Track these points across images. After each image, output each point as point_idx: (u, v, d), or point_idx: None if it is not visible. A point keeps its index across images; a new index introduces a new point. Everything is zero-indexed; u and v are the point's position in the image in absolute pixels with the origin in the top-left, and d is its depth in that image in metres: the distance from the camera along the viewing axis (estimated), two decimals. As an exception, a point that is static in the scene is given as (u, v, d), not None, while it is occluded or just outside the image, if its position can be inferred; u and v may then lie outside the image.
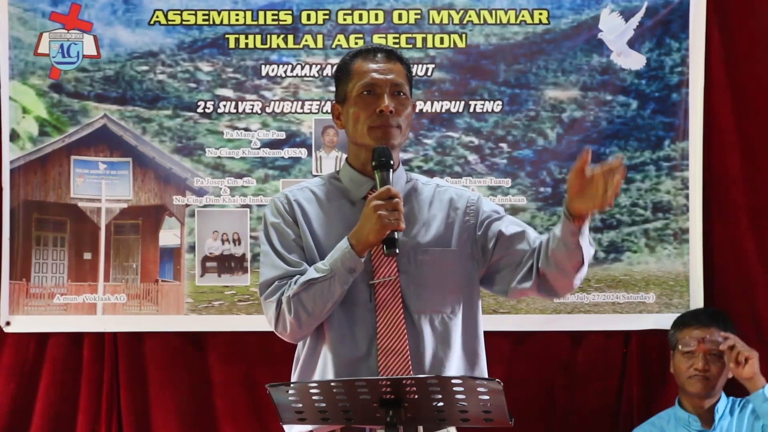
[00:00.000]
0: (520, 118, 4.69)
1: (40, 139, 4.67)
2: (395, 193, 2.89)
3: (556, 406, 4.71)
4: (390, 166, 2.96)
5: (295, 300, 2.92)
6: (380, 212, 2.86)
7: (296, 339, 3.03)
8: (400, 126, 3.01)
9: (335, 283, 2.90)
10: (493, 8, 4.69)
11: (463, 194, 3.14)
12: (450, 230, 3.06)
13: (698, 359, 4.36)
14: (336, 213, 3.05)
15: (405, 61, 3.10)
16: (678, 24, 4.68)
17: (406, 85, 3.05)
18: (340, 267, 2.90)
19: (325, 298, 2.91)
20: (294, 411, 2.66)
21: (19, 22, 4.66)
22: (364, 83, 3.02)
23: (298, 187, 3.13)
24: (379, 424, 2.61)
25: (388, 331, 2.95)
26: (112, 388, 4.67)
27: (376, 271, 2.98)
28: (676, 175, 4.67)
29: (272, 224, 3.05)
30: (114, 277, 4.66)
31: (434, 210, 3.08)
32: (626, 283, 4.67)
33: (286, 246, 3.01)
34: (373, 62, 3.04)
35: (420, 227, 3.05)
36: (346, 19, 4.69)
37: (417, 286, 2.99)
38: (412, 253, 3.01)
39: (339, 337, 2.97)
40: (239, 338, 4.68)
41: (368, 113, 3.00)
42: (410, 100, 3.06)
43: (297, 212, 3.04)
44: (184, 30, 4.69)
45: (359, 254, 2.90)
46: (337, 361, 2.95)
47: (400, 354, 2.94)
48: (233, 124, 4.68)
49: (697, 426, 4.39)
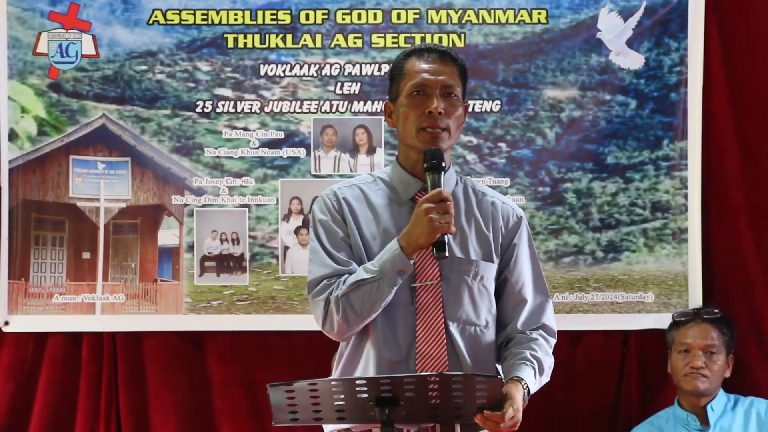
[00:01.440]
0: (518, 117, 4.69)
1: (38, 138, 4.67)
2: (447, 196, 2.86)
3: (555, 406, 4.70)
4: (442, 168, 2.93)
5: (343, 300, 2.90)
6: (431, 215, 2.83)
7: (343, 338, 2.99)
8: (448, 128, 2.97)
9: (384, 284, 2.88)
10: (492, 8, 4.69)
11: (509, 209, 3.11)
12: (492, 243, 3.05)
13: (694, 357, 4.36)
14: (383, 213, 3.01)
15: (460, 62, 3.06)
16: (677, 23, 4.67)
17: (458, 87, 3.01)
18: (389, 269, 2.87)
19: (374, 299, 2.88)
20: (288, 411, 2.66)
21: (17, 22, 4.66)
22: (414, 83, 2.98)
23: (346, 184, 3.09)
24: (373, 423, 2.61)
25: (427, 335, 2.93)
26: (111, 388, 4.67)
27: (419, 274, 2.96)
28: (675, 175, 4.67)
29: (321, 221, 3.02)
30: (113, 276, 4.66)
31: (481, 218, 3.05)
32: (625, 282, 4.67)
33: (334, 244, 2.98)
34: (425, 62, 3.01)
35: (465, 235, 3.02)
36: (345, 18, 4.69)
37: (456, 294, 2.98)
38: (456, 260, 2.98)
39: (381, 338, 2.94)
40: (238, 338, 4.68)
41: (417, 114, 2.97)
42: (461, 101, 3.02)
43: (345, 210, 3.01)
44: (183, 30, 4.69)
45: (409, 256, 2.87)
46: (379, 361, 2.93)
47: (438, 359, 2.92)
48: (232, 124, 4.69)
49: (696, 425, 4.39)
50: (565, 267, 4.66)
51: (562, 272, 4.66)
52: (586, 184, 4.68)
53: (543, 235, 4.66)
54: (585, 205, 4.68)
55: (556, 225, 4.67)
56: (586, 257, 4.67)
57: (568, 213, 4.68)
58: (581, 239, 4.67)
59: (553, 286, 4.63)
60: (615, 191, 4.68)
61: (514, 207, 3.14)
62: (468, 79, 3.09)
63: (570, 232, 4.67)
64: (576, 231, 4.67)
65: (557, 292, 4.63)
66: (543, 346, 3.04)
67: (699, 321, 4.43)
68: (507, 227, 3.08)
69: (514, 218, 3.10)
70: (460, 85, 3.02)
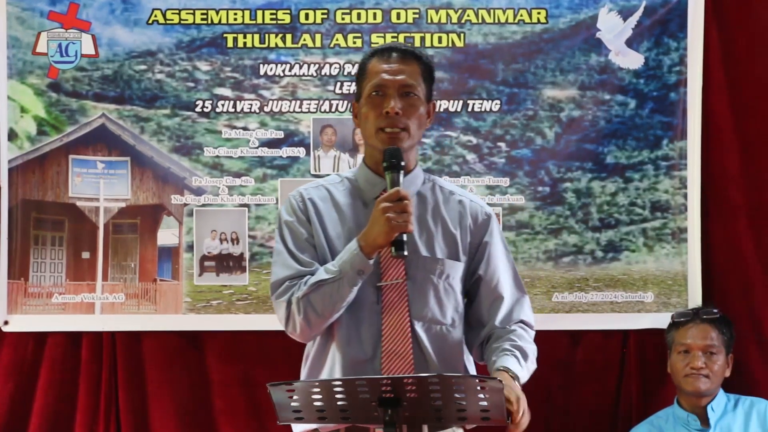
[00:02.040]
0: (518, 117, 4.69)
1: (38, 138, 4.67)
2: (404, 194, 2.88)
3: (554, 406, 4.70)
4: (401, 168, 2.95)
5: (304, 301, 2.92)
6: (388, 214, 2.85)
7: (306, 339, 3.03)
8: (407, 128, 2.99)
9: (344, 284, 2.90)
10: (492, 7, 4.69)
11: (477, 207, 3.13)
12: (460, 242, 3.06)
13: (694, 357, 4.37)
14: (348, 213, 3.04)
15: (424, 60, 3.07)
16: (676, 23, 4.68)
17: (419, 86, 3.02)
18: (348, 269, 2.90)
19: (334, 299, 2.91)
20: (292, 410, 2.67)
21: (17, 22, 4.66)
22: (373, 83, 3.02)
23: (314, 185, 3.13)
24: (377, 423, 2.61)
25: (393, 334, 2.95)
26: (111, 388, 4.66)
27: (384, 273, 2.98)
28: (675, 175, 4.67)
29: (286, 222, 3.05)
30: (112, 276, 4.66)
31: (447, 217, 3.07)
32: (624, 282, 4.67)
33: (298, 245, 3.01)
34: (386, 62, 3.03)
35: (431, 234, 3.04)
36: (345, 18, 4.69)
37: (421, 293, 2.99)
38: (422, 260, 3.00)
39: (346, 338, 2.97)
40: (237, 338, 4.68)
41: (376, 114, 2.99)
42: (422, 101, 3.03)
43: (310, 210, 3.04)
44: (183, 29, 4.68)
45: (368, 256, 2.90)
46: (344, 361, 2.96)
47: (404, 357, 2.94)
48: (231, 124, 4.68)
49: (697, 425, 4.39)
50: (565, 267, 4.67)
51: (562, 272, 4.66)
52: (586, 184, 4.68)
53: (542, 235, 4.67)
54: (584, 204, 4.68)
55: (555, 225, 4.67)
56: (585, 257, 4.67)
57: (567, 213, 4.68)
58: (581, 239, 4.67)
59: (552, 286, 4.64)
60: (614, 191, 4.68)
61: (482, 205, 3.15)
62: (434, 78, 3.10)
63: (569, 232, 4.67)
64: (575, 231, 4.68)
65: (557, 292, 4.63)
66: (522, 335, 3.08)
67: (698, 321, 4.43)
68: (475, 225, 3.10)
69: (483, 216, 3.11)
70: (422, 84, 3.04)
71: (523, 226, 4.67)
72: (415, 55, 3.06)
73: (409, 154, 3.03)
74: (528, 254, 4.66)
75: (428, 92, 3.07)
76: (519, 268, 4.55)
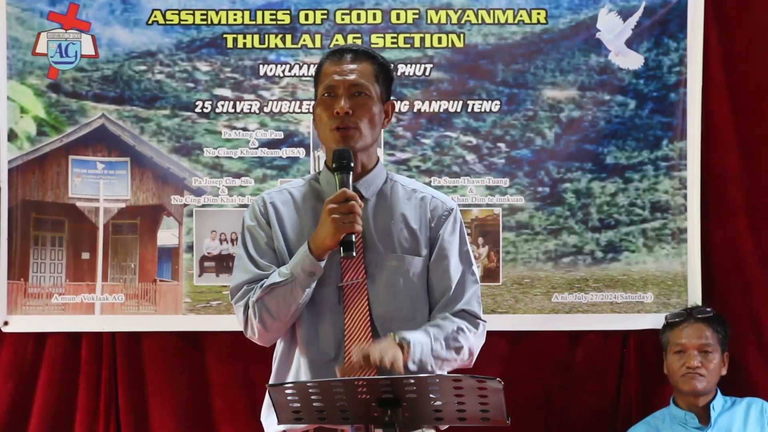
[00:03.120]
0: (518, 117, 4.69)
1: (38, 138, 4.67)
2: (351, 195, 2.90)
3: (554, 406, 4.71)
4: (350, 168, 2.96)
5: (259, 304, 2.96)
6: (334, 215, 2.87)
7: (266, 342, 3.06)
8: (358, 128, 3.00)
9: (296, 286, 2.93)
10: (491, 8, 4.69)
11: (438, 202, 3.13)
12: (420, 237, 3.07)
13: (690, 357, 4.37)
14: (309, 214, 3.07)
15: (377, 60, 3.08)
16: (676, 24, 4.68)
17: (371, 85, 3.03)
18: (299, 271, 2.93)
19: (288, 301, 2.93)
20: (291, 411, 2.67)
21: (17, 22, 4.66)
22: (325, 85, 3.04)
23: (277, 189, 3.16)
24: (376, 424, 2.61)
25: (355, 334, 2.96)
26: (110, 388, 4.66)
27: (345, 273, 3.00)
28: (674, 175, 4.67)
29: (248, 227, 3.09)
30: (112, 276, 4.66)
31: (407, 214, 3.08)
32: (624, 282, 4.67)
33: (258, 250, 3.04)
34: (337, 64, 3.04)
35: (391, 232, 3.05)
36: (344, 18, 4.69)
37: (382, 291, 3.00)
38: (381, 257, 3.02)
39: (309, 340, 3.00)
40: (237, 338, 4.61)
41: (328, 114, 3.01)
42: (374, 100, 3.03)
43: (271, 214, 3.06)
44: (182, 30, 4.68)
45: (318, 258, 2.92)
46: (308, 363, 2.98)
47: None
48: (231, 124, 4.68)
49: (695, 423, 4.40)
50: (565, 267, 4.67)
51: (562, 272, 4.66)
52: (586, 185, 4.68)
53: (542, 235, 4.67)
54: (584, 205, 4.68)
55: (555, 225, 4.67)
56: (585, 257, 4.67)
57: (567, 213, 4.68)
58: (580, 239, 4.67)
59: (552, 286, 4.64)
60: (614, 191, 4.68)
61: (444, 200, 3.15)
62: (392, 77, 3.11)
63: (569, 233, 4.67)
64: (575, 231, 4.68)
65: (557, 293, 4.64)
66: (446, 320, 3.01)
67: (692, 321, 4.43)
68: (435, 220, 3.10)
69: (443, 211, 3.11)
70: (374, 84, 3.04)
71: (522, 226, 4.67)
72: (369, 55, 3.08)
73: (364, 155, 3.04)
74: (528, 255, 4.66)
75: (384, 92, 3.08)
76: (518, 269, 4.64)
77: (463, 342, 3.01)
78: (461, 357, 3.02)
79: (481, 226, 4.63)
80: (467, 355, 3.03)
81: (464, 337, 3.01)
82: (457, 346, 3.00)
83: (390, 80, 3.11)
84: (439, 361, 2.96)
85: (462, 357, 3.02)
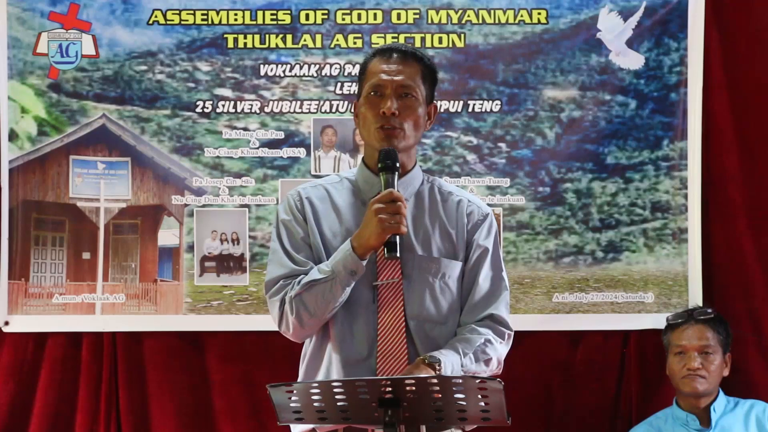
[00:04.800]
0: (518, 117, 4.69)
1: (38, 138, 4.67)
2: (398, 196, 2.88)
3: (554, 406, 4.71)
4: (395, 169, 2.94)
5: (297, 300, 2.93)
6: (381, 216, 2.85)
7: (300, 338, 3.03)
8: (403, 129, 2.99)
9: (336, 284, 2.90)
10: (492, 8, 4.69)
11: (474, 207, 3.12)
12: (456, 241, 3.06)
13: (690, 358, 4.36)
14: (347, 212, 3.04)
15: (425, 62, 3.06)
16: (676, 24, 4.68)
17: (418, 87, 3.01)
18: (341, 269, 2.90)
19: (327, 299, 2.91)
20: (292, 411, 2.67)
21: (17, 22, 4.66)
22: (371, 83, 3.02)
23: (312, 185, 3.13)
24: (377, 424, 2.61)
25: (389, 333, 2.95)
26: (111, 388, 4.66)
27: (380, 272, 2.98)
28: (675, 175, 4.67)
29: (283, 221, 3.05)
30: (113, 276, 4.66)
31: (444, 217, 3.07)
32: (625, 282, 4.67)
33: (294, 245, 3.01)
34: (385, 62, 3.02)
35: (428, 233, 3.04)
36: (345, 18, 4.69)
37: (417, 292, 2.99)
38: (417, 259, 3.01)
39: (342, 337, 2.97)
40: (238, 338, 4.68)
41: (374, 114, 2.99)
42: (419, 102, 3.02)
43: (308, 210, 3.04)
44: (183, 30, 4.68)
45: (361, 257, 2.90)
46: (340, 361, 2.96)
47: (398, 357, 2.94)
48: (232, 124, 4.68)
49: (696, 425, 4.39)
50: (565, 267, 4.67)
51: (562, 272, 4.66)
52: (586, 184, 4.68)
53: (543, 235, 4.67)
54: (585, 205, 4.68)
55: (556, 225, 4.67)
56: (586, 257, 4.67)
57: (568, 213, 4.68)
58: (581, 239, 4.67)
59: (553, 286, 4.64)
60: (615, 191, 4.68)
61: (480, 205, 3.14)
62: (437, 79, 3.10)
63: (570, 232, 4.68)
64: (576, 231, 4.68)
65: (557, 293, 4.64)
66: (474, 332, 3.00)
67: (693, 322, 4.43)
68: (472, 224, 3.09)
69: (479, 216, 3.11)
70: (421, 86, 3.03)
71: (523, 226, 4.67)
72: (416, 56, 3.05)
73: (405, 155, 3.03)
74: (528, 255, 4.66)
75: (429, 94, 3.06)
76: (519, 269, 4.64)
77: (491, 354, 3.01)
78: (490, 368, 3.02)
79: (482, 226, 4.62)
80: (496, 365, 3.04)
81: (492, 348, 3.01)
82: (486, 359, 2.99)
83: (435, 82, 3.09)
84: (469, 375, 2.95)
85: (491, 368, 3.02)
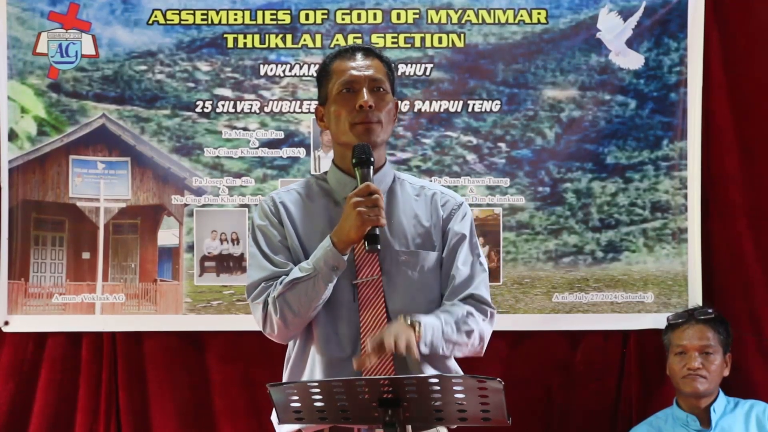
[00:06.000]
0: (518, 117, 4.69)
1: (38, 138, 4.67)
2: (375, 189, 2.90)
3: (554, 406, 4.71)
4: (371, 163, 2.97)
5: (280, 300, 2.95)
6: (359, 209, 2.87)
7: (285, 339, 3.05)
8: (380, 121, 3.02)
9: (319, 281, 2.93)
10: (492, 8, 4.69)
11: (448, 197, 3.15)
12: (433, 232, 3.08)
13: (691, 358, 4.36)
14: (321, 213, 3.07)
15: (384, 58, 3.11)
16: (676, 24, 4.68)
17: (386, 82, 3.06)
18: (323, 265, 2.92)
19: (310, 297, 2.93)
20: (292, 411, 2.67)
21: (17, 22, 4.66)
22: (342, 81, 3.04)
23: (284, 189, 3.17)
24: (377, 424, 2.61)
25: (371, 331, 2.96)
26: (111, 388, 4.67)
27: (359, 270, 3.00)
28: (675, 175, 4.68)
29: (259, 227, 3.08)
30: (112, 276, 4.66)
31: (418, 211, 3.10)
32: (625, 282, 4.67)
33: (272, 247, 3.04)
34: (351, 60, 3.06)
35: (403, 228, 3.06)
36: (345, 18, 4.69)
37: (397, 287, 3.01)
38: (395, 254, 3.03)
39: (325, 337, 2.99)
40: (238, 338, 4.68)
41: (348, 110, 3.02)
42: (390, 96, 3.07)
43: (282, 214, 3.07)
44: (183, 30, 4.69)
45: (341, 252, 2.92)
46: (324, 361, 2.98)
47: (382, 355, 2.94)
48: (232, 124, 4.68)
49: (696, 425, 4.39)
50: (565, 267, 4.67)
51: (562, 272, 4.66)
52: (586, 184, 4.68)
53: (543, 235, 4.67)
54: (585, 205, 4.68)
55: (555, 225, 4.68)
56: (585, 257, 4.67)
57: (567, 213, 4.68)
58: (581, 239, 4.68)
59: (553, 286, 4.64)
60: (615, 191, 4.69)
61: (454, 195, 3.18)
62: (395, 75, 3.14)
63: (570, 232, 4.68)
64: (576, 231, 4.68)
65: (557, 293, 4.64)
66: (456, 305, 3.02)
67: (693, 322, 4.43)
68: (446, 213, 3.11)
69: (454, 205, 3.14)
70: (387, 80, 3.07)
71: (523, 226, 4.67)
72: (377, 54, 3.11)
73: (378, 151, 3.04)
74: (528, 254, 4.66)
75: (393, 89, 3.11)
76: (519, 269, 4.64)
77: (473, 326, 3.01)
78: (472, 342, 3.02)
79: (482, 226, 4.62)
80: (478, 340, 3.03)
81: (474, 321, 3.02)
82: (467, 330, 3.00)
83: (395, 78, 3.14)
84: (450, 344, 2.96)
85: (473, 342, 3.02)
